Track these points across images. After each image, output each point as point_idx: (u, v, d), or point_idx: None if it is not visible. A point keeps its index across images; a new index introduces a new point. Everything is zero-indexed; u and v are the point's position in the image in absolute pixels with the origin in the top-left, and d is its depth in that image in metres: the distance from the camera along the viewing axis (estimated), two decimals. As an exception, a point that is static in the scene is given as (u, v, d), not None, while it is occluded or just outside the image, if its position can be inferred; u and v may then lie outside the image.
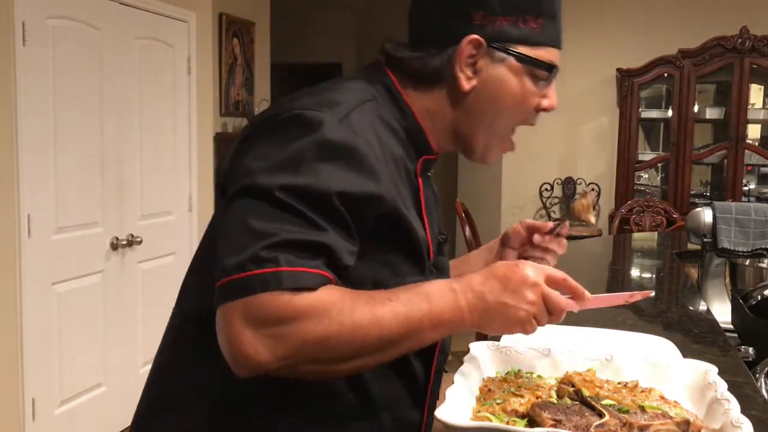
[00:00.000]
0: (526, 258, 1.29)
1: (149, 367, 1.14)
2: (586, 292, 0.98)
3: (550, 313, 0.94)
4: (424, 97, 1.07)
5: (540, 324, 0.94)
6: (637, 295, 1.07)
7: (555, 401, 0.94)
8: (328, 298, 0.87)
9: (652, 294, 1.15)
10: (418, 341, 0.93)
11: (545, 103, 1.09)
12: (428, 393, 1.10)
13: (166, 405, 1.07)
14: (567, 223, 1.27)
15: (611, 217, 5.44)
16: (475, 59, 1.03)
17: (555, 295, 0.94)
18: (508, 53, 1.03)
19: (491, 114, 1.06)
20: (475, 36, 1.02)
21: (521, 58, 1.03)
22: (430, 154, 1.10)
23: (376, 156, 0.95)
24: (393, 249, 0.99)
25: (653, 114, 5.75)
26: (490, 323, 0.93)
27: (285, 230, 0.86)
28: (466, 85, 1.04)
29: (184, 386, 1.04)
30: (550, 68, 1.05)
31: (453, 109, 1.07)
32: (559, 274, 0.96)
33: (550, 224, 1.27)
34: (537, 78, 1.06)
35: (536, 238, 1.27)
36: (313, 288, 0.86)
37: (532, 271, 0.94)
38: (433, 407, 1.12)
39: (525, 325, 0.93)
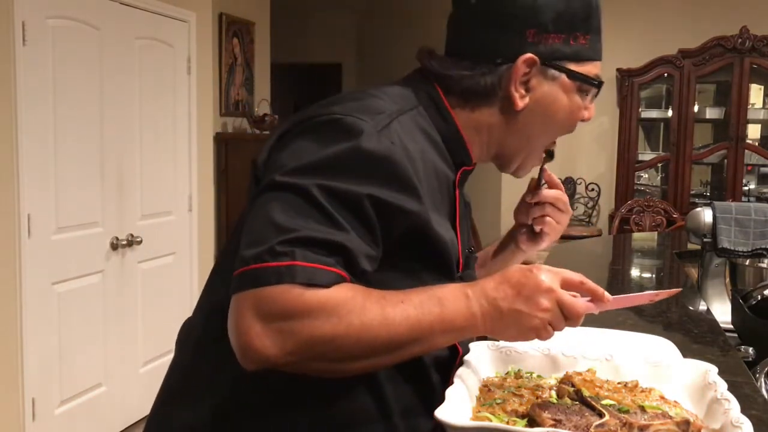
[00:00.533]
0: (530, 225, 1.26)
1: (149, 367, 1.15)
2: (606, 294, 0.95)
3: (567, 318, 0.92)
4: (471, 113, 1.06)
5: (557, 329, 0.92)
6: (663, 294, 1.03)
7: (555, 401, 0.94)
8: (339, 296, 0.86)
9: (680, 291, 1.12)
10: (429, 345, 0.92)
11: (586, 114, 1.10)
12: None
13: (177, 399, 1.07)
14: (546, 168, 1.22)
15: (611, 217, 5.44)
16: (528, 77, 1.03)
17: (571, 300, 0.92)
18: (561, 71, 1.04)
19: (540, 130, 1.08)
20: (531, 55, 1.02)
21: (574, 75, 1.04)
22: (469, 165, 1.10)
23: (415, 168, 0.95)
24: (421, 262, 0.99)
25: (653, 114, 5.75)
26: (503, 330, 0.92)
27: (307, 227, 0.87)
28: (521, 103, 1.04)
29: (197, 382, 1.04)
30: (600, 84, 1.07)
31: (502, 126, 1.07)
32: (576, 276, 0.94)
33: (535, 178, 1.24)
34: (584, 92, 1.07)
35: (527, 197, 1.24)
36: (326, 285, 0.86)
37: (547, 276, 0.91)
38: None
39: (540, 333, 0.91)
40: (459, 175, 1.08)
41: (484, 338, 1.25)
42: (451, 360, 1.08)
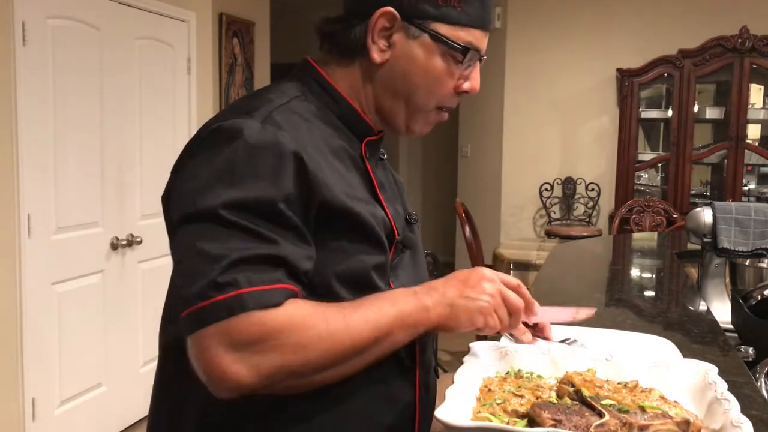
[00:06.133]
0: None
1: (149, 367, 1.17)
2: (536, 305, 1.04)
3: (509, 313, 0.99)
4: (348, 74, 1.06)
5: (501, 320, 0.99)
6: (583, 313, 1.15)
7: (555, 401, 0.94)
8: (298, 312, 0.87)
9: (594, 310, 1.19)
10: (390, 344, 0.95)
11: (466, 85, 1.07)
12: (417, 367, 1.10)
13: (162, 416, 1.09)
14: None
15: (611, 217, 5.44)
16: (391, 32, 1.02)
17: (512, 293, 1.00)
18: (423, 30, 1.01)
19: (403, 89, 1.05)
20: (388, 8, 1.01)
21: (435, 36, 1.01)
22: (371, 134, 1.09)
23: (307, 152, 0.94)
24: (344, 236, 0.98)
25: (653, 114, 5.74)
26: (455, 317, 0.97)
27: (236, 249, 0.86)
28: (377, 57, 1.03)
29: (174, 400, 1.05)
30: (465, 50, 1.02)
31: (371, 83, 1.06)
32: (514, 280, 1.01)
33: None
34: (453, 59, 1.03)
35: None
36: (278, 303, 0.86)
37: (489, 272, 1.00)
38: (426, 382, 1.12)
39: (487, 317, 0.97)
40: (364, 147, 1.07)
41: (484, 337, 1.25)
42: None
